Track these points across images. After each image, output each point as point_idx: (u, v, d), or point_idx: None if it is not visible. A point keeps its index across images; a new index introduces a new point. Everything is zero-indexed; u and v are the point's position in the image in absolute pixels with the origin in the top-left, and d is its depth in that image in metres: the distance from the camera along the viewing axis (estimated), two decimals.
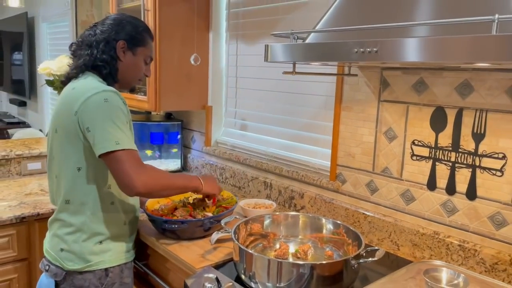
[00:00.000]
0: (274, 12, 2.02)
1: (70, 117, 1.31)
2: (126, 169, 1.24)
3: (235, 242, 1.24)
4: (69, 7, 4.04)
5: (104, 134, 1.25)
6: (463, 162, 1.36)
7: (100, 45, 1.40)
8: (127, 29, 1.43)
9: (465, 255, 1.35)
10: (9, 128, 5.08)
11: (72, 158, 1.34)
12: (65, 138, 1.34)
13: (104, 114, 1.27)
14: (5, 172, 2.29)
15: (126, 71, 1.46)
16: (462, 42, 0.86)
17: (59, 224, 1.40)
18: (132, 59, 1.45)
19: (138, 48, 1.46)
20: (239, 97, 2.31)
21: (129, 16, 1.49)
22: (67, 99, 1.35)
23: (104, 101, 1.28)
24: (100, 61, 1.39)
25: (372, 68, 1.57)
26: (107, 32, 1.42)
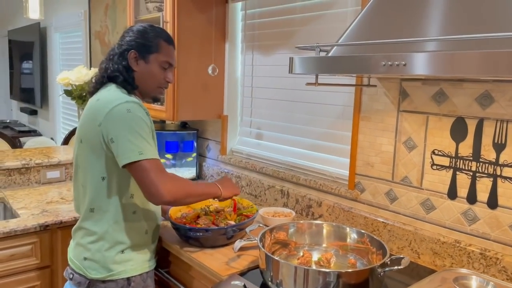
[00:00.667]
0: (289, 23, 2.07)
1: (94, 128, 1.34)
2: (152, 178, 1.26)
3: (262, 249, 1.26)
4: (83, 17, 4.11)
5: (128, 145, 1.27)
6: (484, 172, 1.38)
7: (115, 58, 1.45)
8: (138, 37, 1.45)
9: (487, 263, 1.37)
10: (20, 137, 5.12)
11: (96, 168, 1.38)
12: (89, 148, 1.38)
13: (127, 125, 1.29)
14: (25, 181, 2.33)
15: (142, 79, 1.46)
16: (486, 56, 0.89)
17: (83, 232, 1.43)
18: (145, 67, 1.45)
19: (151, 55, 1.45)
20: (255, 107, 2.34)
21: (143, 25, 1.50)
22: (92, 110, 1.38)
23: (126, 111, 1.31)
24: (114, 71, 1.43)
25: (391, 79, 1.61)
26: (121, 44, 1.46)
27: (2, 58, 7.35)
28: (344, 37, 1.32)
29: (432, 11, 1.13)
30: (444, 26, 1.09)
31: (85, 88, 2.52)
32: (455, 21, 1.08)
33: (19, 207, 1.98)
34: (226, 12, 2.33)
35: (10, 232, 1.72)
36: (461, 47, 1.01)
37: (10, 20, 6.72)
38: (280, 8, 2.12)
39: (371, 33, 1.27)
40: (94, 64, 3.91)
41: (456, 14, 1.09)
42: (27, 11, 2.50)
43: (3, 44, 7.19)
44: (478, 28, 1.02)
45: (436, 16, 1.12)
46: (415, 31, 1.14)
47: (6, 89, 7.22)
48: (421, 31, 1.13)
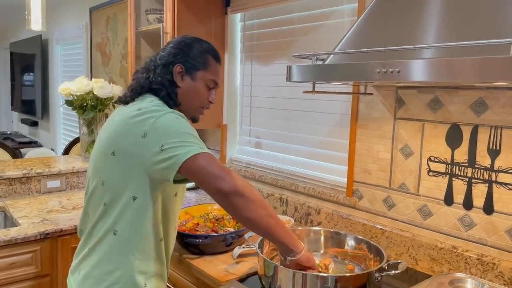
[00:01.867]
0: (287, 34, 2.10)
1: (137, 140, 1.16)
2: (221, 166, 1.12)
3: (261, 255, 1.28)
4: (84, 29, 4.17)
5: (185, 144, 1.12)
6: (479, 178, 1.40)
7: (157, 69, 1.29)
8: (186, 51, 1.30)
9: (484, 268, 1.38)
10: (21, 148, 5.15)
11: (129, 186, 1.19)
12: (125, 162, 1.19)
13: (180, 128, 1.15)
14: (26, 190, 2.34)
15: (185, 97, 1.30)
16: (479, 63, 0.92)
17: (95, 261, 1.22)
18: (191, 84, 1.30)
19: (198, 72, 1.30)
20: (254, 116, 2.37)
21: (190, 38, 1.35)
22: (133, 120, 1.19)
23: (176, 118, 1.18)
24: (156, 83, 1.28)
25: (387, 87, 1.63)
26: (166, 56, 1.31)
27: (4, 70, 7.42)
28: (340, 45, 1.35)
29: (426, 20, 1.16)
30: (439, 34, 1.12)
31: (86, 98, 2.55)
32: (449, 29, 1.11)
33: (20, 216, 1.99)
34: (225, 23, 2.37)
35: (10, 240, 1.73)
36: (455, 54, 1.04)
37: (12, 32, 6.80)
38: (278, 19, 2.16)
39: (367, 42, 1.30)
40: (95, 75, 3.96)
41: (450, 22, 1.12)
42: (29, 23, 2.54)
43: (5, 56, 7.27)
44: (472, 35, 1.05)
45: (431, 24, 1.15)
46: (410, 39, 1.17)
47: (7, 101, 7.28)
48: (416, 39, 1.16)
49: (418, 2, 1.20)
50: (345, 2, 1.83)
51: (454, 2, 1.12)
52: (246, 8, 2.24)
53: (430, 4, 1.17)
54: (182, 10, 2.18)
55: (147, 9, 2.50)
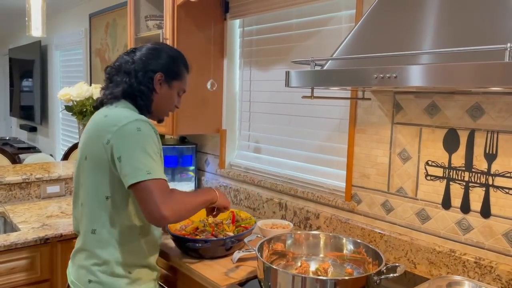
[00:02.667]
0: (286, 40, 2.12)
1: (102, 145, 1.29)
2: (154, 199, 1.20)
3: (260, 259, 1.29)
4: (83, 35, 4.19)
5: (136, 164, 1.23)
6: (476, 182, 1.41)
7: (138, 75, 1.38)
8: (166, 61, 1.42)
9: (482, 272, 1.39)
10: (20, 153, 5.15)
11: (101, 187, 1.32)
12: (95, 166, 1.32)
13: (136, 144, 1.25)
14: (25, 195, 2.35)
15: (160, 103, 1.44)
16: (475, 68, 0.94)
17: (85, 254, 1.36)
18: (167, 92, 1.44)
19: (174, 81, 1.45)
20: (253, 121, 2.38)
21: (169, 48, 1.49)
22: (99, 126, 1.33)
23: (137, 130, 1.26)
24: (138, 91, 1.38)
25: (385, 92, 1.65)
26: (146, 61, 1.40)
27: (3, 76, 7.44)
28: (338, 51, 1.37)
29: (423, 26, 1.18)
30: (435, 39, 1.14)
31: (86, 104, 2.57)
32: (446, 35, 1.13)
33: (20, 221, 1.99)
34: (225, 29, 2.39)
35: (10, 246, 1.73)
36: (451, 59, 1.06)
37: (11, 38, 6.82)
38: (277, 25, 2.18)
39: (364, 47, 1.31)
40: (95, 81, 3.97)
41: (447, 28, 1.14)
42: (29, 29, 2.55)
43: (4, 62, 7.29)
44: (468, 41, 1.07)
45: (428, 30, 1.17)
46: (407, 45, 1.19)
47: (6, 107, 7.29)
48: (413, 44, 1.18)
49: (416, 8, 1.22)
50: (342, 8, 1.85)
51: (451, 9, 1.14)
52: (245, 14, 2.26)
53: (427, 10, 1.19)
54: (182, 16, 2.20)
55: (146, 15, 2.52)
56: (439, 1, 1.17)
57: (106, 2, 3.72)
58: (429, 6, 1.18)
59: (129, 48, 1.49)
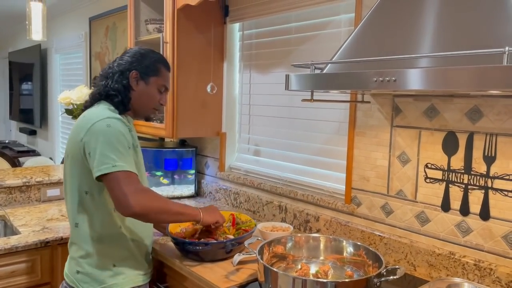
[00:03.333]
0: (285, 43, 2.13)
1: (77, 143, 1.38)
2: (122, 188, 1.28)
3: (261, 261, 1.29)
4: (83, 39, 4.20)
5: (102, 158, 1.30)
6: (475, 184, 1.42)
7: (115, 76, 1.48)
8: (141, 59, 1.50)
9: (481, 274, 1.39)
10: (19, 157, 5.16)
11: (80, 183, 1.41)
12: (73, 163, 1.42)
13: (104, 139, 1.33)
14: (25, 199, 2.35)
15: (139, 99, 1.51)
16: (474, 72, 0.95)
17: (75, 247, 1.46)
18: (144, 88, 1.50)
19: (151, 77, 1.51)
20: (252, 124, 2.39)
21: (144, 48, 1.56)
22: (77, 126, 1.42)
23: (106, 126, 1.35)
24: (113, 90, 1.47)
25: (384, 96, 1.66)
26: (122, 64, 1.50)
27: (2, 80, 7.44)
28: (338, 55, 1.38)
29: (422, 29, 1.19)
30: (434, 43, 1.15)
31: None
32: (444, 38, 1.14)
33: (20, 225, 2.00)
34: (224, 32, 2.40)
35: (11, 249, 1.74)
36: (450, 63, 1.06)
37: (11, 42, 6.83)
38: (276, 28, 2.19)
39: (364, 51, 1.32)
40: None
41: (445, 32, 1.15)
42: (30, 33, 2.56)
43: (4, 65, 7.30)
44: (466, 44, 1.07)
45: (426, 34, 1.18)
46: (406, 49, 1.20)
47: (6, 110, 7.29)
48: (412, 48, 1.19)
49: (414, 12, 1.23)
50: (342, 12, 1.87)
51: (449, 13, 1.15)
52: (245, 18, 2.27)
53: (426, 14, 1.20)
54: (182, 20, 2.22)
55: (146, 19, 2.53)
56: (438, 5, 1.18)
57: (106, 5, 3.73)
58: (428, 10, 1.19)
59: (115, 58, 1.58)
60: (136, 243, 1.49)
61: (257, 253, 1.34)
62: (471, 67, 0.94)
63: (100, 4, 3.86)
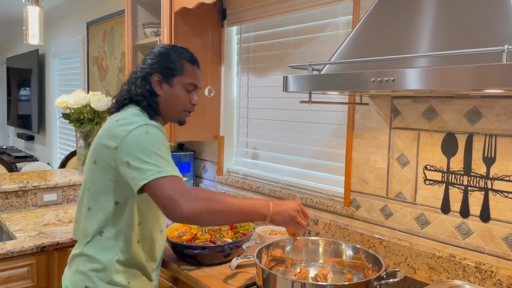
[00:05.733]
0: (283, 46, 2.13)
1: (111, 151, 1.25)
2: (169, 193, 1.13)
3: (259, 265, 1.27)
4: (81, 44, 4.19)
5: (144, 166, 1.17)
6: (475, 186, 1.41)
7: (138, 81, 1.37)
8: (160, 60, 1.37)
9: (482, 276, 1.38)
10: (17, 162, 5.13)
11: (109, 192, 1.30)
12: (104, 171, 1.29)
13: (144, 147, 1.20)
14: (22, 204, 2.33)
15: (166, 104, 1.38)
16: (473, 71, 0.94)
17: (84, 259, 1.34)
18: (169, 91, 1.37)
19: (174, 78, 1.37)
20: (251, 127, 2.38)
21: (166, 46, 1.42)
22: (110, 131, 1.28)
23: (145, 133, 1.23)
24: (137, 95, 1.36)
25: (383, 97, 1.65)
26: (145, 67, 1.39)
27: (0, 85, 7.43)
28: (336, 56, 1.37)
29: (420, 29, 1.19)
30: (432, 42, 1.14)
31: (83, 111, 2.56)
32: (443, 37, 1.13)
33: (16, 230, 1.98)
34: (222, 36, 2.40)
35: (7, 254, 1.72)
36: (449, 62, 1.06)
37: (8, 47, 6.83)
38: (274, 31, 2.18)
39: (362, 51, 1.32)
40: (92, 89, 3.97)
41: (444, 31, 1.14)
42: (27, 37, 2.55)
43: (1, 71, 7.29)
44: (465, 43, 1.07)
45: (424, 33, 1.17)
46: (404, 48, 1.19)
47: (3, 116, 7.27)
48: (410, 48, 1.18)
49: (412, 12, 1.22)
50: (339, 14, 1.86)
51: (447, 12, 1.15)
52: (242, 21, 2.27)
53: (424, 13, 1.19)
54: (179, 23, 2.21)
55: (144, 22, 2.53)
56: (436, 5, 1.17)
57: (103, 10, 3.73)
58: (426, 9, 1.19)
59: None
60: (151, 257, 1.41)
61: (255, 257, 1.33)
62: (470, 65, 0.93)
63: (97, 8, 3.86)
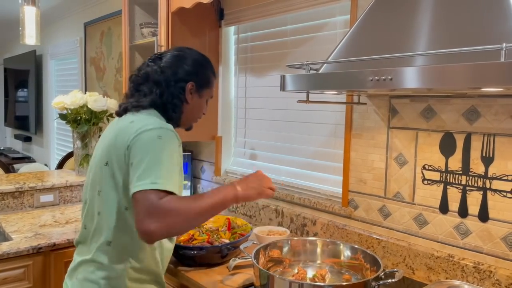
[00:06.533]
0: (281, 46, 2.12)
1: (123, 150, 1.19)
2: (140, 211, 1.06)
3: (256, 265, 1.26)
4: (78, 44, 4.18)
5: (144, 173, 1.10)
6: (473, 185, 1.40)
7: (170, 86, 1.31)
8: (196, 69, 1.35)
9: (481, 276, 1.37)
10: (14, 163, 5.11)
11: (120, 196, 1.22)
12: (117, 173, 1.21)
13: (152, 151, 1.14)
14: (18, 205, 2.32)
15: (191, 112, 1.38)
16: (471, 69, 0.93)
17: (95, 266, 1.25)
18: (198, 101, 1.38)
19: (205, 90, 1.39)
20: (248, 128, 2.37)
21: (197, 53, 1.41)
22: (124, 132, 1.22)
23: (157, 137, 1.16)
24: (170, 103, 1.31)
25: (380, 97, 1.65)
26: (176, 71, 1.32)
27: None
28: (333, 55, 1.37)
29: (417, 27, 1.18)
30: (430, 41, 1.14)
31: (80, 112, 2.55)
32: (440, 36, 1.12)
33: (12, 231, 1.96)
34: (219, 36, 2.39)
35: (2, 255, 1.70)
36: (446, 61, 1.05)
37: (5, 48, 6.81)
38: (271, 31, 2.18)
39: (360, 50, 1.31)
40: (89, 90, 3.96)
41: (441, 29, 1.13)
42: (23, 37, 2.54)
43: None
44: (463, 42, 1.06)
45: (422, 32, 1.17)
46: (402, 47, 1.19)
47: (1, 117, 7.25)
48: (408, 46, 1.18)
49: (410, 10, 1.22)
50: (337, 14, 1.86)
51: (445, 10, 1.14)
52: (240, 21, 2.26)
53: (421, 12, 1.19)
54: (176, 23, 2.20)
55: (141, 23, 2.52)
56: (433, 3, 1.17)
57: (101, 10, 3.72)
58: (424, 7, 1.18)
59: (153, 55, 1.39)
60: (163, 262, 1.35)
61: (252, 257, 1.32)
62: (468, 64, 0.93)
63: (95, 9, 3.84)
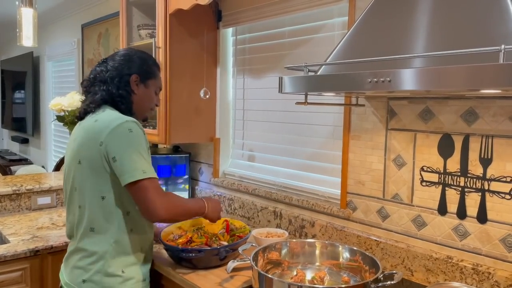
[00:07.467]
0: (279, 48, 2.12)
1: (95, 148, 1.35)
2: (151, 196, 1.31)
3: (255, 267, 1.26)
4: (76, 46, 4.17)
5: (131, 164, 1.31)
6: (472, 187, 1.40)
7: (115, 81, 1.46)
8: (138, 63, 1.51)
9: (479, 278, 1.37)
10: (11, 165, 5.09)
11: (96, 188, 1.38)
12: (89, 169, 1.38)
13: (129, 144, 1.33)
14: (15, 207, 2.31)
15: (140, 103, 1.53)
16: (469, 70, 0.93)
17: (81, 255, 1.41)
18: (144, 91, 1.53)
19: (149, 80, 1.54)
20: (247, 129, 2.37)
21: (138, 51, 1.57)
22: (91, 130, 1.38)
23: (129, 131, 1.34)
24: (117, 96, 1.46)
25: (379, 98, 1.64)
26: (119, 68, 1.48)
27: None
28: (332, 56, 1.37)
29: (416, 29, 1.18)
30: (428, 43, 1.14)
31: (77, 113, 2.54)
32: (439, 38, 1.12)
33: (9, 233, 1.95)
34: (217, 37, 2.39)
35: (0, 258, 1.70)
36: (445, 62, 1.05)
37: (3, 50, 6.79)
38: (269, 33, 2.18)
39: (358, 52, 1.31)
40: None
41: (439, 31, 1.13)
42: (20, 39, 2.53)
43: None
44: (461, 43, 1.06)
45: (420, 34, 1.17)
46: (400, 49, 1.19)
47: None
48: (406, 48, 1.18)
49: (408, 12, 1.22)
50: (335, 15, 1.86)
51: (443, 12, 1.14)
52: (238, 22, 2.26)
53: (420, 14, 1.19)
54: (174, 25, 2.20)
55: (139, 24, 2.51)
56: (432, 5, 1.17)
57: (98, 12, 3.71)
58: (422, 9, 1.18)
59: (100, 60, 1.55)
60: (143, 246, 1.47)
61: (251, 260, 1.31)
62: (467, 65, 0.93)
63: (92, 11, 3.84)
